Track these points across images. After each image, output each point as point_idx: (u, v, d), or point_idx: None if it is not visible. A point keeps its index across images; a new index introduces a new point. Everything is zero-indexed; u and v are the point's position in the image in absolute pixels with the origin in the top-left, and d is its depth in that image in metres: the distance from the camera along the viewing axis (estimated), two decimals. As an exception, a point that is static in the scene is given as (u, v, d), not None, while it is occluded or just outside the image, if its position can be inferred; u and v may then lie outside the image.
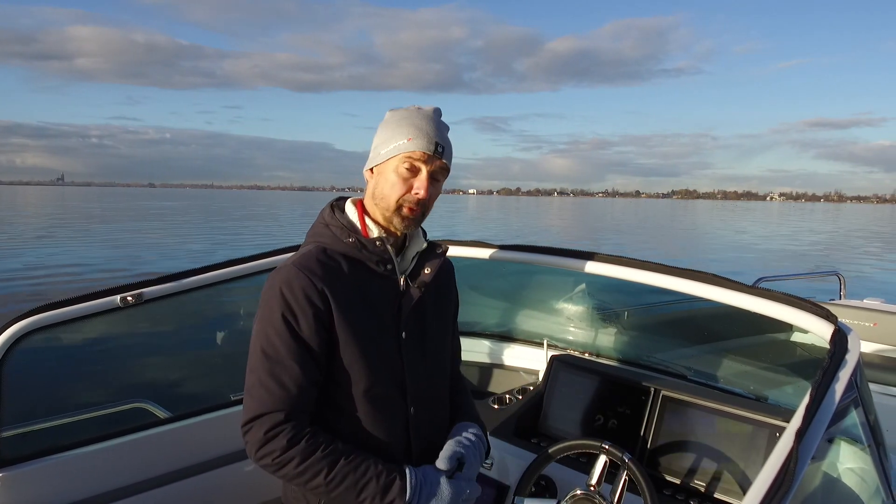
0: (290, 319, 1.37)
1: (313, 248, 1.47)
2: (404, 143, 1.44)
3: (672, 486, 1.98)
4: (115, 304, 2.06)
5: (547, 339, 2.79)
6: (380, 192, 1.48)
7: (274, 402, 1.34)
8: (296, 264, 1.41)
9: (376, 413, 1.47)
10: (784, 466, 1.04)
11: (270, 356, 1.36)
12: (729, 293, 1.66)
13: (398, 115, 1.50)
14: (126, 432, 2.14)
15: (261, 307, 1.41)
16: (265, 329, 1.38)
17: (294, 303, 1.37)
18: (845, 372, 1.30)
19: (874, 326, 4.04)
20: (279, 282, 1.39)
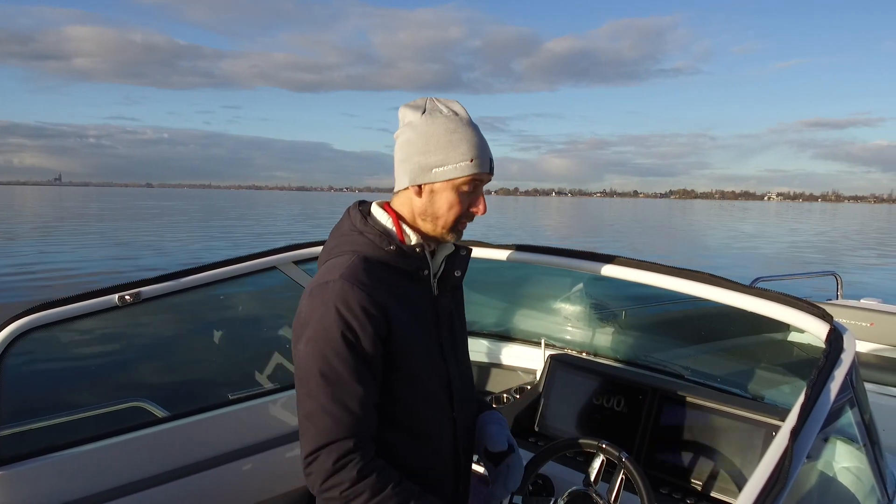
0: (351, 338, 1.29)
1: (354, 258, 1.38)
2: (467, 165, 1.38)
3: (669, 484, 1.99)
4: (112, 303, 2.06)
5: (545, 339, 2.79)
6: (433, 211, 1.42)
7: (341, 429, 1.26)
8: (347, 279, 1.32)
9: (431, 421, 1.47)
10: (779, 465, 1.04)
11: (332, 379, 1.28)
12: (725, 293, 1.66)
13: (446, 129, 1.39)
14: (124, 431, 2.14)
15: (310, 327, 1.31)
16: (322, 351, 1.29)
17: (353, 320, 1.29)
18: (840, 371, 1.30)
19: (871, 326, 4.06)
20: (333, 299, 1.30)
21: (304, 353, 1.31)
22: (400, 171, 1.44)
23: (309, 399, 1.30)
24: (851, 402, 1.49)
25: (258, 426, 2.46)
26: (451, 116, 1.41)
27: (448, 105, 1.44)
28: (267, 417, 2.50)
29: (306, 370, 1.31)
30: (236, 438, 2.38)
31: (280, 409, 2.53)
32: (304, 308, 1.35)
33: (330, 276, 1.34)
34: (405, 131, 1.43)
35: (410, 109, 1.44)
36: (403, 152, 1.43)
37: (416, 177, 1.41)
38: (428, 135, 1.39)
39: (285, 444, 2.50)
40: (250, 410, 2.44)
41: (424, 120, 1.41)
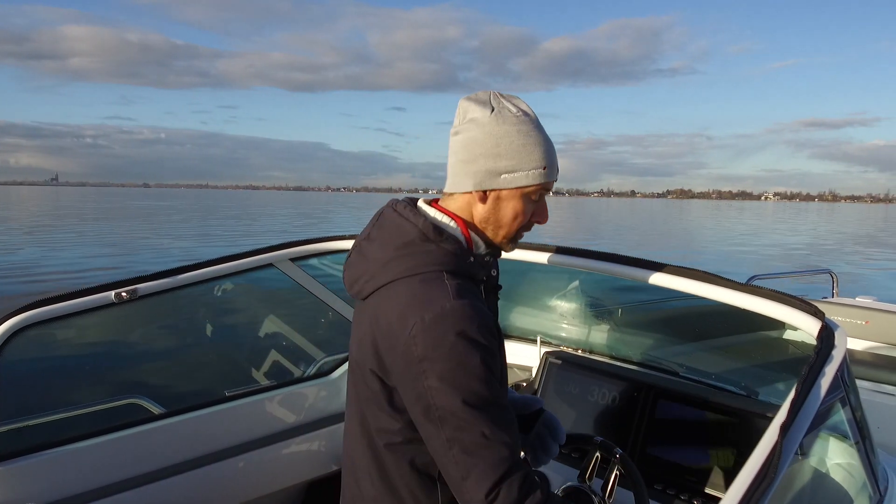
0: (489, 360, 1.20)
1: (446, 276, 1.26)
2: (539, 173, 1.29)
3: (663, 480, 2.00)
4: (109, 299, 2.06)
5: (540, 336, 2.80)
6: (497, 220, 1.33)
7: (510, 456, 1.18)
8: (462, 299, 1.21)
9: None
10: (768, 460, 1.05)
11: (484, 408, 1.18)
12: (718, 290, 1.67)
13: (519, 131, 1.28)
14: (120, 428, 2.15)
15: (440, 361, 1.17)
16: (464, 383, 1.17)
17: (486, 341, 1.20)
18: (831, 367, 1.31)
19: (866, 324, 4.07)
20: (459, 325, 1.18)
21: (442, 390, 1.17)
22: (461, 173, 1.32)
23: (464, 435, 1.17)
24: (843, 398, 1.50)
25: (255, 423, 2.47)
26: (521, 117, 1.29)
27: (515, 103, 1.32)
28: (263, 414, 2.50)
29: (452, 406, 1.17)
30: (233, 435, 2.39)
31: (276, 405, 2.54)
32: (420, 341, 1.18)
33: (440, 300, 1.20)
34: (469, 129, 1.30)
35: (476, 105, 1.31)
36: (468, 153, 1.30)
37: (482, 181, 1.30)
38: (498, 136, 1.27)
39: (282, 440, 2.51)
40: (246, 407, 2.45)
41: (494, 119, 1.28)
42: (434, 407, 1.18)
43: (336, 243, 2.56)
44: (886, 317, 4.03)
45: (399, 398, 1.26)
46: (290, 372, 2.84)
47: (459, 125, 1.32)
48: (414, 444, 1.29)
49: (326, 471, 2.67)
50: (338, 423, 2.69)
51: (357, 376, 1.36)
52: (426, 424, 1.21)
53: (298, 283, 2.59)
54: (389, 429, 1.29)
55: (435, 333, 1.17)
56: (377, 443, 1.32)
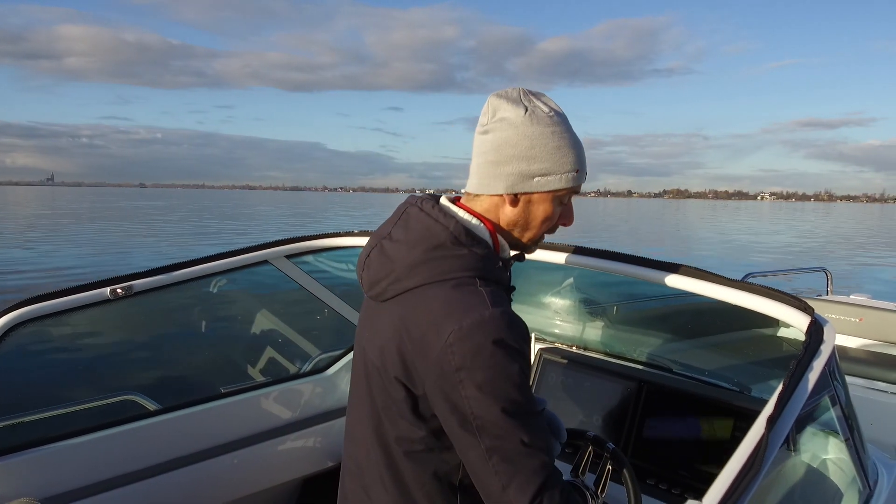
0: (526, 369, 1.19)
1: (482, 284, 1.23)
2: (572, 177, 1.27)
3: (656, 475, 2.01)
4: (104, 296, 2.06)
5: (535, 333, 2.81)
6: (526, 222, 1.31)
7: (548, 464, 1.18)
8: (500, 307, 1.18)
9: None
10: (754, 452, 1.06)
11: (522, 417, 1.16)
12: (709, 286, 1.69)
13: (553, 133, 1.25)
14: (115, 424, 2.16)
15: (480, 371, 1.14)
16: (506, 391, 1.15)
17: (524, 349, 1.19)
18: (819, 362, 1.32)
19: (860, 322, 4.09)
20: (499, 334, 1.15)
21: (481, 400, 1.15)
22: (491, 174, 1.27)
23: (503, 444, 1.15)
24: (831, 392, 1.52)
25: (250, 419, 2.47)
26: (554, 118, 1.25)
27: (546, 102, 1.28)
28: (259, 410, 2.51)
29: (490, 417, 1.15)
30: (228, 431, 2.40)
31: (272, 402, 2.55)
32: (458, 350, 1.14)
33: (478, 309, 1.17)
34: (501, 128, 1.25)
35: (508, 103, 1.26)
36: (500, 154, 1.25)
37: (514, 184, 1.26)
38: (532, 138, 1.23)
39: (277, 436, 2.52)
40: (242, 404, 2.46)
41: (527, 119, 1.24)
42: (473, 416, 1.15)
43: (332, 240, 2.57)
44: (880, 314, 4.05)
45: (425, 406, 1.23)
46: (285, 368, 2.85)
47: (489, 123, 1.27)
48: (436, 453, 1.26)
49: (322, 467, 2.68)
50: (333, 419, 2.70)
51: (375, 382, 1.30)
52: (463, 435, 1.18)
53: (294, 280, 2.60)
54: (411, 437, 1.26)
55: (473, 342, 1.14)
56: (395, 450, 1.28)
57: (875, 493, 1.84)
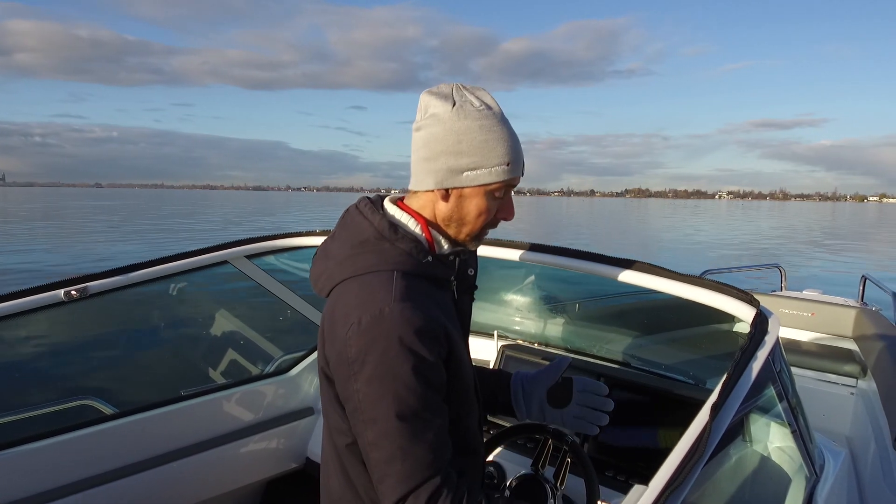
0: (423, 369, 1.16)
1: (397, 276, 1.23)
2: (503, 170, 1.25)
3: (614, 467, 2.05)
4: (58, 298, 2.02)
5: (497, 331, 2.84)
6: (460, 218, 1.30)
7: (426, 469, 1.16)
8: (403, 303, 1.17)
9: (474, 432, 1.42)
10: (698, 438, 1.10)
11: (409, 418, 1.15)
12: (661, 280, 1.73)
13: (481, 126, 1.24)
14: (71, 429, 2.11)
15: (370, 364, 1.15)
16: (394, 389, 1.15)
17: (423, 349, 1.16)
18: (763, 352, 1.37)
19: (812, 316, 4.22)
20: (395, 330, 1.15)
21: (369, 395, 1.16)
22: (423, 171, 1.28)
23: (386, 441, 1.16)
24: (776, 383, 1.57)
25: (211, 422, 2.44)
26: (484, 111, 1.24)
27: (478, 96, 1.27)
28: (220, 413, 2.48)
29: (375, 412, 1.16)
30: (189, 434, 2.36)
31: (234, 404, 2.52)
32: (355, 342, 1.16)
33: (380, 303, 1.17)
34: (430, 125, 1.25)
35: (437, 99, 1.26)
36: (429, 150, 1.26)
37: (444, 180, 1.26)
38: (459, 132, 1.23)
39: (239, 438, 2.50)
40: (203, 406, 2.43)
41: (455, 114, 1.23)
42: (360, 410, 1.18)
43: (292, 240, 2.56)
44: (831, 309, 4.19)
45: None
46: (247, 370, 2.82)
47: (421, 120, 1.28)
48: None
49: (285, 469, 2.66)
50: (296, 420, 2.68)
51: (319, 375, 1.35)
52: (355, 424, 1.21)
53: (255, 281, 2.58)
54: (341, 428, 1.29)
55: (369, 336, 1.15)
56: (338, 442, 1.32)
57: (822, 479, 1.91)
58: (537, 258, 2.02)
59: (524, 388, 1.61)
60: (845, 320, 4.12)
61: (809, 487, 1.83)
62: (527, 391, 1.60)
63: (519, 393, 1.61)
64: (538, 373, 1.62)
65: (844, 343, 4.01)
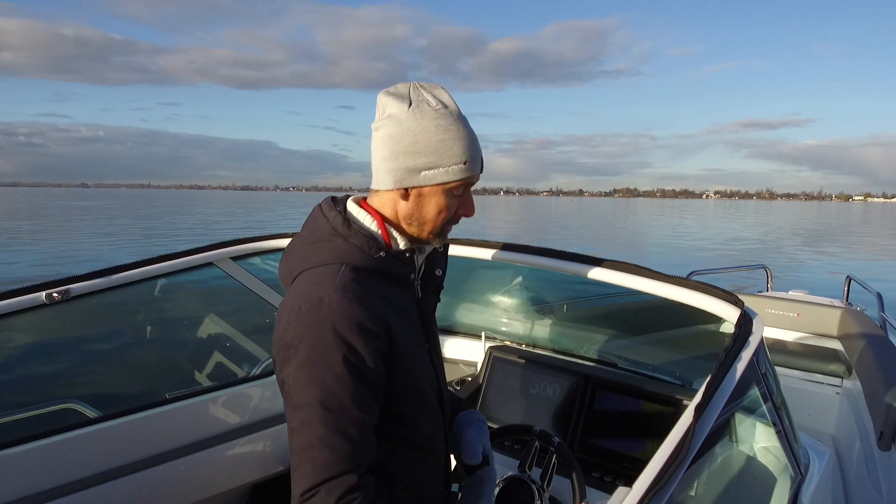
0: (354, 361, 1.17)
1: (344, 269, 1.24)
2: (460, 169, 1.26)
3: (601, 468, 2.06)
4: (40, 300, 1.99)
5: (485, 332, 2.84)
6: (420, 216, 1.31)
7: (343, 463, 1.15)
8: (343, 294, 1.18)
9: (429, 432, 1.40)
10: (682, 439, 1.10)
11: (332, 408, 1.15)
12: (647, 282, 1.74)
13: (437, 126, 1.25)
14: (54, 433, 2.08)
15: (302, 350, 1.17)
16: (321, 377, 1.15)
17: (356, 341, 1.17)
18: (747, 352, 1.38)
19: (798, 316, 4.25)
20: (330, 319, 1.16)
21: (298, 380, 1.17)
22: (382, 171, 1.29)
23: (305, 429, 1.15)
24: (760, 382, 1.58)
25: (197, 425, 2.42)
26: (440, 110, 1.26)
27: (435, 94, 1.29)
28: (206, 416, 2.46)
29: (301, 398, 1.16)
30: (174, 438, 2.34)
31: (220, 407, 2.50)
32: (292, 328, 1.19)
33: (321, 292, 1.19)
34: (388, 125, 1.26)
35: (393, 99, 1.27)
36: (387, 150, 1.27)
37: (402, 179, 1.27)
38: (416, 132, 1.24)
39: (225, 441, 2.47)
40: (188, 409, 2.40)
41: (412, 114, 1.25)
42: (289, 395, 1.19)
43: (278, 241, 2.54)
44: (816, 309, 4.22)
45: None
46: (233, 373, 2.80)
47: (379, 121, 1.29)
48: None
49: (272, 472, 2.64)
50: (283, 423, 2.66)
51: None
52: (285, 409, 1.22)
53: (241, 283, 2.56)
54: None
55: (305, 323, 1.17)
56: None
57: (806, 478, 1.92)
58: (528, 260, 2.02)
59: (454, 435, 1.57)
60: (830, 320, 4.15)
61: (794, 487, 1.84)
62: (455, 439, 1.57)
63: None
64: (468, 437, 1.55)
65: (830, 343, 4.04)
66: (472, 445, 1.52)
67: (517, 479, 1.77)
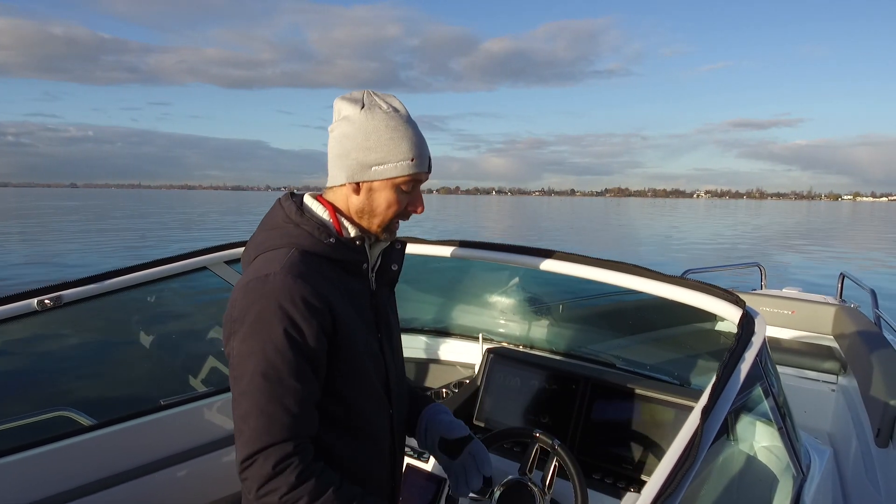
0: (295, 334, 1.22)
1: (293, 251, 1.31)
2: (408, 164, 1.35)
3: (601, 469, 2.05)
4: (31, 307, 1.96)
5: (482, 334, 2.82)
6: (371, 209, 1.39)
7: (280, 431, 1.19)
8: (288, 272, 1.25)
9: (371, 418, 1.43)
10: (690, 443, 1.09)
11: (271, 378, 1.20)
12: (647, 282, 1.72)
13: (387, 125, 1.34)
14: (48, 441, 2.05)
15: (247, 324, 1.22)
16: (262, 348, 1.20)
17: (297, 315, 1.22)
18: (751, 353, 1.37)
19: (792, 314, 4.27)
20: (273, 293, 1.22)
21: (241, 352, 1.23)
22: (336, 167, 1.38)
23: (245, 399, 1.21)
24: (763, 383, 1.57)
25: (192, 431, 2.40)
26: (390, 113, 1.36)
27: (387, 100, 1.39)
28: (201, 422, 2.44)
29: (242, 369, 1.22)
30: (169, 444, 2.31)
31: (215, 413, 2.48)
32: (239, 303, 1.25)
33: (268, 269, 1.26)
34: (342, 125, 1.36)
35: (347, 103, 1.37)
36: (341, 147, 1.36)
37: (353, 174, 1.36)
38: (367, 131, 1.34)
39: (221, 448, 2.45)
40: (183, 415, 2.38)
41: (364, 115, 1.35)
42: (233, 366, 1.24)
43: None
44: (811, 306, 4.24)
45: None
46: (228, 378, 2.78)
47: (334, 123, 1.38)
48: None
49: None
50: None
51: None
52: (230, 381, 1.26)
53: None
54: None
55: (249, 297, 1.24)
56: None
57: (808, 478, 1.92)
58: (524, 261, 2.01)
59: (427, 424, 1.61)
60: (825, 318, 4.17)
61: (797, 487, 1.84)
62: (428, 428, 1.61)
63: (422, 424, 1.62)
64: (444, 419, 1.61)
65: (824, 340, 4.05)
66: (453, 422, 1.58)
67: (518, 482, 1.75)
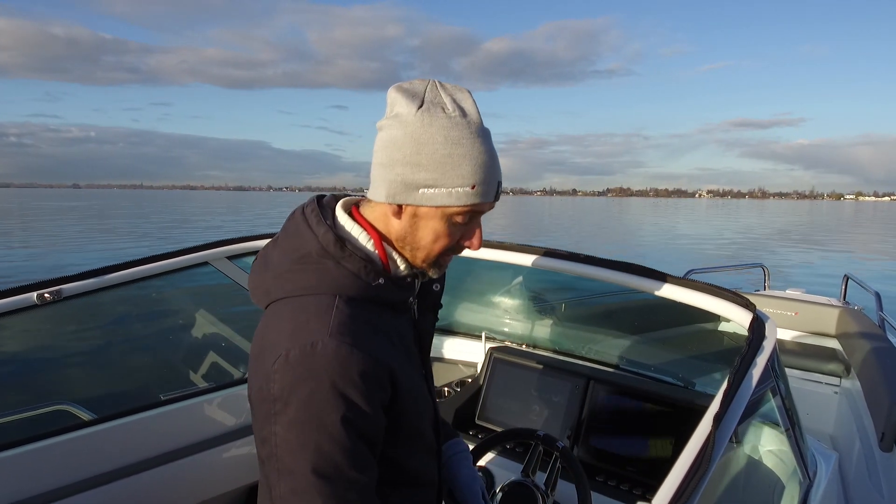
0: (353, 418, 0.99)
1: (339, 302, 1.05)
2: (465, 193, 1.04)
3: (605, 471, 2.03)
4: (31, 301, 1.95)
5: (485, 332, 2.81)
6: (415, 240, 1.11)
7: None
8: (341, 340, 0.99)
9: (424, 468, 1.25)
10: (702, 450, 1.07)
11: (329, 475, 0.98)
12: (656, 283, 1.70)
13: (447, 138, 1.02)
14: (46, 436, 2.04)
15: (293, 406, 0.98)
16: (316, 441, 0.98)
17: (357, 396, 0.99)
18: (762, 358, 1.35)
19: (795, 315, 4.25)
20: (327, 371, 0.98)
21: (288, 441, 0.99)
22: (377, 177, 1.09)
23: (297, 499, 0.98)
24: (773, 387, 1.55)
25: (193, 427, 2.38)
26: (454, 118, 1.03)
27: (455, 98, 1.06)
28: (202, 417, 2.42)
29: (291, 464, 0.99)
30: (169, 440, 2.30)
31: (216, 408, 2.46)
32: (279, 379, 0.99)
33: (312, 335, 1.00)
34: (392, 126, 1.05)
35: (404, 96, 1.05)
36: (386, 155, 1.06)
37: (396, 193, 1.06)
38: (420, 141, 1.02)
39: (221, 444, 2.44)
40: (184, 411, 2.36)
41: (419, 118, 1.03)
42: (276, 457, 1.00)
43: None
44: (815, 308, 4.22)
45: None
46: (229, 374, 2.76)
47: (385, 119, 1.08)
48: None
49: None
50: None
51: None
52: (269, 472, 1.04)
53: (237, 282, 2.52)
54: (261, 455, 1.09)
55: (295, 374, 0.98)
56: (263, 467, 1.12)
57: (815, 484, 1.90)
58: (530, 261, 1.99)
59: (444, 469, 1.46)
60: (828, 319, 4.15)
61: (803, 493, 1.82)
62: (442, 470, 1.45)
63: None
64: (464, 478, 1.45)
65: (828, 342, 4.03)
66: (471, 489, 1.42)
67: (520, 483, 1.73)
